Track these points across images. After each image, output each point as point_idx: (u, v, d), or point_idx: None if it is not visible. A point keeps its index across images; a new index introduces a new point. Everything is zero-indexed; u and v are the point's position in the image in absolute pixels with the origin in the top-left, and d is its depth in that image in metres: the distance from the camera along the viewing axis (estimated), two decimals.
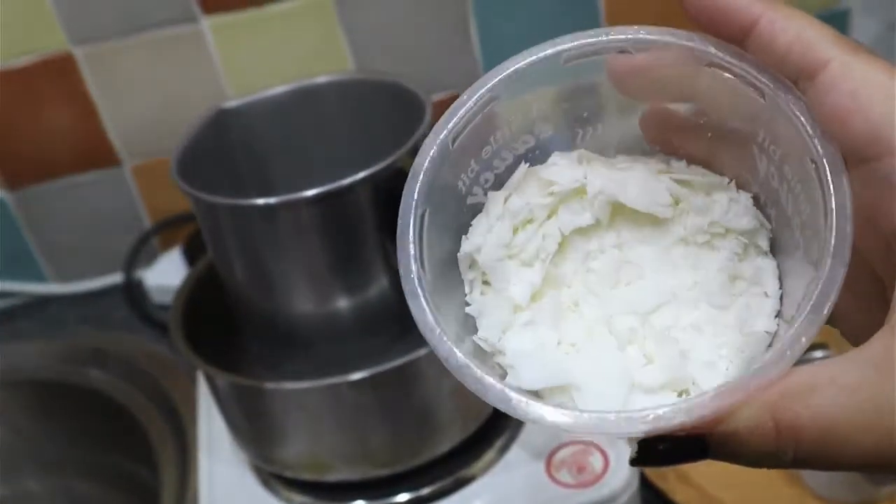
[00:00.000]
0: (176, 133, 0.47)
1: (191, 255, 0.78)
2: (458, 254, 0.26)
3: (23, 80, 0.75)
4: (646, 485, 0.51)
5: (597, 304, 0.25)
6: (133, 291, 0.81)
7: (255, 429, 0.47)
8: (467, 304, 0.26)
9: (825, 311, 0.21)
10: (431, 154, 0.25)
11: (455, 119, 0.25)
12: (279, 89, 0.49)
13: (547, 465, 0.48)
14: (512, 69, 0.25)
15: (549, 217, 0.26)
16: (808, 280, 0.22)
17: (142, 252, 0.82)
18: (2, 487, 0.79)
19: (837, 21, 0.82)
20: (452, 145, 0.25)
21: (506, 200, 0.26)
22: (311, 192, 0.41)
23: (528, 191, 0.26)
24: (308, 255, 0.43)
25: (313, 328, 0.45)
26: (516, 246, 0.26)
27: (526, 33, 0.78)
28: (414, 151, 0.42)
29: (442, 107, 0.45)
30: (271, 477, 0.51)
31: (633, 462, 0.22)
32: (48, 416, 0.77)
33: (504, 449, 0.49)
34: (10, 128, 0.77)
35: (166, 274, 0.81)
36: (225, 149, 0.48)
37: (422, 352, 0.44)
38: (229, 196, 0.42)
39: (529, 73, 0.25)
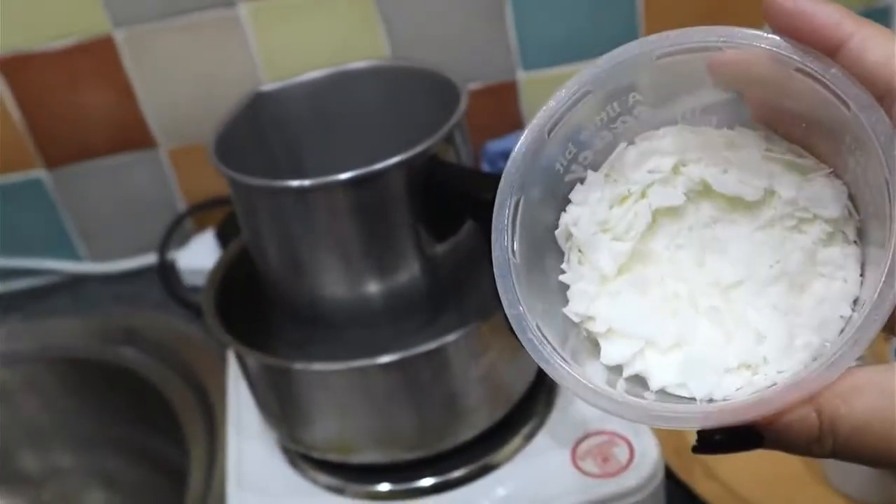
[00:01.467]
0: (211, 117, 0.48)
1: (223, 238, 0.79)
2: (556, 230, 0.27)
3: (64, 62, 0.76)
4: (671, 478, 0.51)
5: (682, 280, 0.27)
6: (166, 272, 0.82)
7: (283, 409, 0.48)
8: (562, 272, 0.27)
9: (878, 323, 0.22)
10: (527, 146, 0.27)
11: (550, 112, 0.27)
12: (316, 74, 0.50)
13: (572, 455, 0.48)
14: (608, 66, 0.26)
15: (642, 195, 0.27)
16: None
17: (175, 234, 0.83)
18: (33, 461, 0.81)
19: (878, 18, 0.81)
20: (548, 136, 0.27)
21: (605, 178, 0.27)
22: (344, 176, 0.41)
23: (625, 169, 0.27)
24: (340, 239, 0.43)
25: (343, 311, 0.45)
26: (610, 221, 0.27)
27: (561, 24, 0.78)
28: (448, 139, 0.43)
29: (476, 96, 0.45)
30: (298, 457, 0.52)
31: (696, 450, 0.24)
32: (80, 392, 0.78)
33: (530, 436, 0.50)
34: (50, 108, 0.78)
35: (199, 256, 0.82)
36: (261, 132, 0.49)
37: (451, 337, 0.44)
38: (263, 178, 0.43)
39: (622, 69, 0.26)
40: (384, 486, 0.49)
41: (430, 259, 0.44)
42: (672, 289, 0.27)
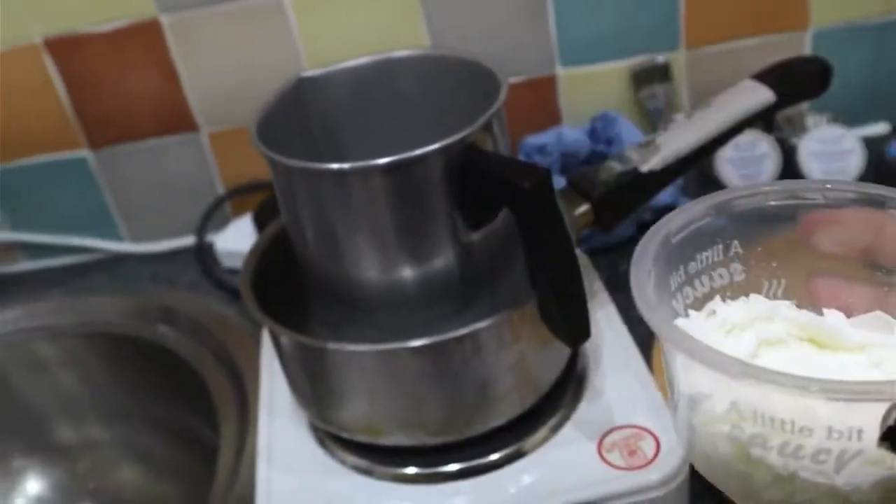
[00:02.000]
0: (252, 102, 0.48)
1: (260, 222, 0.80)
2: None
3: (111, 44, 0.77)
4: (696, 475, 0.51)
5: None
6: (203, 254, 0.84)
7: (314, 389, 0.49)
8: None
9: None
10: (659, 233, 0.30)
11: (680, 217, 0.30)
12: (359, 61, 0.50)
13: (598, 446, 0.48)
14: (729, 198, 0.31)
15: (746, 328, 0.30)
16: None
17: (214, 217, 0.85)
18: (69, 433, 0.83)
19: None
20: (672, 240, 0.30)
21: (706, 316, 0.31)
22: (383, 161, 0.42)
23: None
24: (376, 223, 0.44)
25: (378, 294, 0.46)
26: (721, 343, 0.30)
27: (602, 20, 0.78)
28: (487, 128, 0.44)
29: (514, 90, 0.45)
30: (327, 437, 0.52)
31: (881, 441, 0.24)
32: (117, 367, 0.80)
33: (557, 428, 0.50)
34: (96, 90, 0.80)
35: (236, 239, 0.83)
36: (302, 116, 0.50)
37: (483, 324, 0.44)
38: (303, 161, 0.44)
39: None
40: (411, 470, 0.50)
41: (464, 246, 0.45)
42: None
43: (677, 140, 0.53)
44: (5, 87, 0.79)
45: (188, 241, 0.86)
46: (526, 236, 0.41)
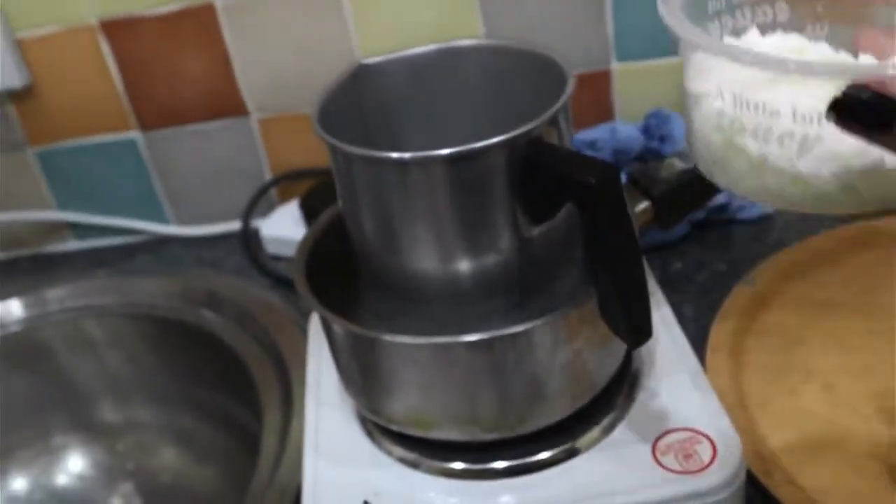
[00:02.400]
0: (304, 88, 0.48)
1: (307, 210, 0.80)
2: None
3: (165, 27, 0.77)
4: (749, 481, 0.50)
5: None
6: (249, 240, 0.84)
7: (365, 379, 0.48)
8: None
9: None
10: None
11: None
12: (419, 49, 0.50)
13: (653, 449, 0.48)
14: None
15: None
16: None
17: (260, 203, 0.85)
18: (113, 413, 0.83)
19: None
20: None
21: None
22: (445, 151, 0.41)
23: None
24: (435, 214, 0.43)
25: (434, 286, 0.45)
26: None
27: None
28: (553, 122, 0.43)
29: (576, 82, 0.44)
30: (374, 428, 0.52)
31: (828, 111, 0.26)
32: (160, 349, 0.80)
33: (609, 429, 0.49)
34: (149, 71, 0.80)
35: (282, 226, 0.83)
36: (360, 104, 0.49)
37: (540, 322, 0.44)
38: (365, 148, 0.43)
39: None
40: (458, 465, 0.49)
41: (524, 241, 0.44)
42: None
43: None
44: (59, 67, 0.80)
45: (233, 226, 0.86)
46: (591, 234, 0.40)
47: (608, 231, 0.40)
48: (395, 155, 0.42)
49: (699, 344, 0.61)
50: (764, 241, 0.74)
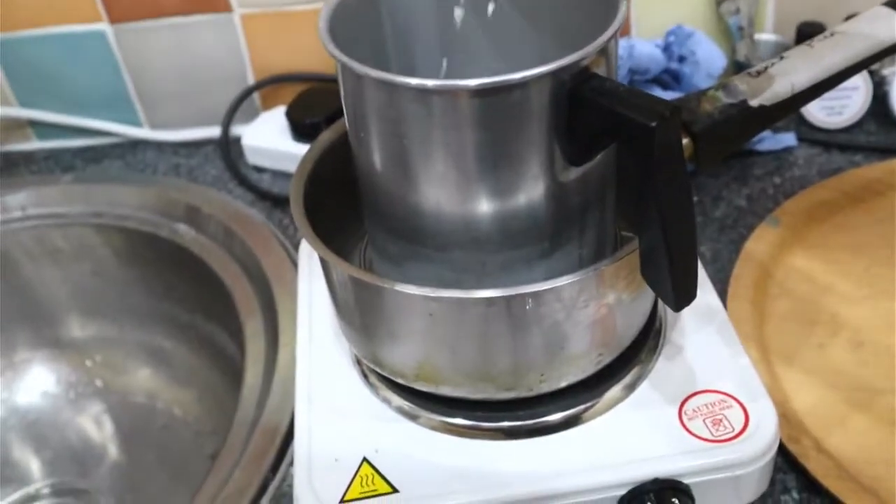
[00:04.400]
0: None
1: (295, 120, 0.73)
2: None
3: None
4: (780, 449, 0.46)
5: None
6: (229, 148, 0.78)
7: (368, 329, 0.44)
8: None
9: None
10: None
11: None
12: None
13: (679, 412, 0.44)
14: None
15: None
16: None
17: (242, 108, 0.78)
18: (80, 329, 0.78)
19: None
20: None
21: None
22: (474, 82, 0.35)
23: None
24: (459, 150, 0.37)
25: (450, 230, 0.40)
26: None
27: None
28: (603, 51, 0.37)
29: None
30: (371, 372, 0.48)
31: None
32: (132, 264, 0.75)
33: (632, 387, 0.45)
34: None
35: (265, 135, 0.77)
36: (378, 20, 0.43)
37: (565, 280, 0.39)
38: (380, 70, 0.37)
39: None
40: (459, 420, 0.45)
41: (559, 184, 0.38)
42: None
43: (796, 72, 0.46)
44: None
45: (212, 132, 0.80)
46: (643, 183, 0.35)
47: (661, 180, 0.35)
48: (415, 81, 0.36)
49: (719, 287, 0.57)
50: (784, 175, 0.70)
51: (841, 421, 0.49)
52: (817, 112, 0.72)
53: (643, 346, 0.47)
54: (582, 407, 0.45)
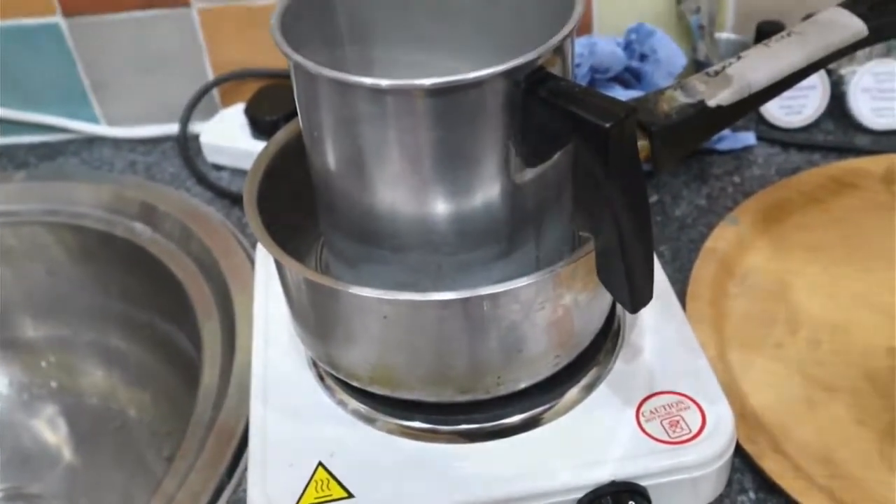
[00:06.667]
0: None
1: (254, 117, 0.72)
2: None
3: None
4: (737, 450, 0.46)
5: None
6: (187, 145, 0.76)
7: (323, 331, 0.43)
8: None
9: None
10: None
11: None
12: None
13: (636, 414, 0.44)
14: None
15: None
16: None
17: (201, 104, 0.77)
18: (33, 329, 0.76)
19: None
20: None
21: None
22: (429, 81, 0.35)
23: None
24: (414, 151, 0.37)
25: (406, 232, 0.39)
26: None
27: None
28: (559, 50, 0.36)
29: None
30: (328, 375, 0.47)
31: None
32: (86, 264, 0.74)
33: (589, 388, 0.45)
34: None
35: (224, 133, 0.76)
36: (333, 17, 0.42)
37: (522, 282, 0.38)
38: (333, 68, 0.36)
39: None
40: (416, 423, 0.44)
41: (515, 185, 0.38)
42: None
43: (753, 72, 0.46)
44: None
45: (170, 129, 0.78)
46: (596, 183, 0.35)
47: (618, 182, 0.34)
48: (369, 81, 0.35)
49: (678, 287, 0.57)
50: (743, 174, 0.70)
51: (798, 420, 0.49)
52: (776, 111, 0.73)
53: (601, 347, 0.47)
54: (541, 409, 0.44)
